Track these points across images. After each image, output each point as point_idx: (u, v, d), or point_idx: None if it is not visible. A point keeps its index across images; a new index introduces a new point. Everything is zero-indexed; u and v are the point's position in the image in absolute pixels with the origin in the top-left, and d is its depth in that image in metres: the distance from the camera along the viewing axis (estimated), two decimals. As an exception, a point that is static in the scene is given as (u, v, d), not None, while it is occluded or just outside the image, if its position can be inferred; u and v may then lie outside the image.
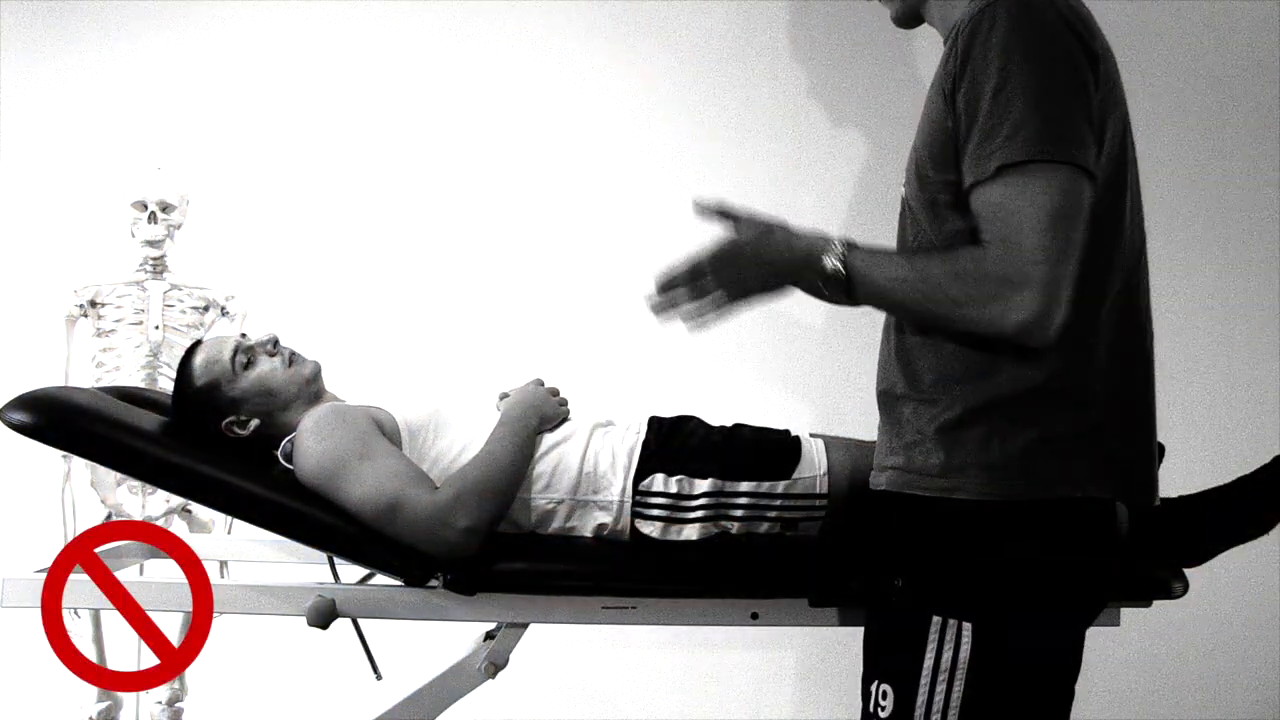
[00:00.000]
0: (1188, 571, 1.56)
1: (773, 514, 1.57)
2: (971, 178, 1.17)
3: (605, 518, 1.61)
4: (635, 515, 1.59)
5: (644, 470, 1.60)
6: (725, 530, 1.57)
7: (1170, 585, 1.53)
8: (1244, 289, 2.98)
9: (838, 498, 1.58)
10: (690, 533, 1.57)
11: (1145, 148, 3.04)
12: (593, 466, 1.62)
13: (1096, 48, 1.22)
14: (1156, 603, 1.54)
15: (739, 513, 1.57)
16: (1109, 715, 2.88)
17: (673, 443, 1.64)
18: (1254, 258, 2.98)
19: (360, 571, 1.68)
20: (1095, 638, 1.71)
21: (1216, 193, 2.99)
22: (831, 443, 1.65)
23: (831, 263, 1.24)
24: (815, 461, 1.61)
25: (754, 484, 1.58)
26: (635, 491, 1.59)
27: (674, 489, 1.58)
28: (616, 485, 1.60)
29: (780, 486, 1.58)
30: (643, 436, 1.65)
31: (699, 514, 1.57)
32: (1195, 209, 2.98)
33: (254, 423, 1.67)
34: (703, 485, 1.58)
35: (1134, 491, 1.26)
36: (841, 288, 1.24)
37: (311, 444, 1.55)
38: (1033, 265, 1.11)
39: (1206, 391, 2.95)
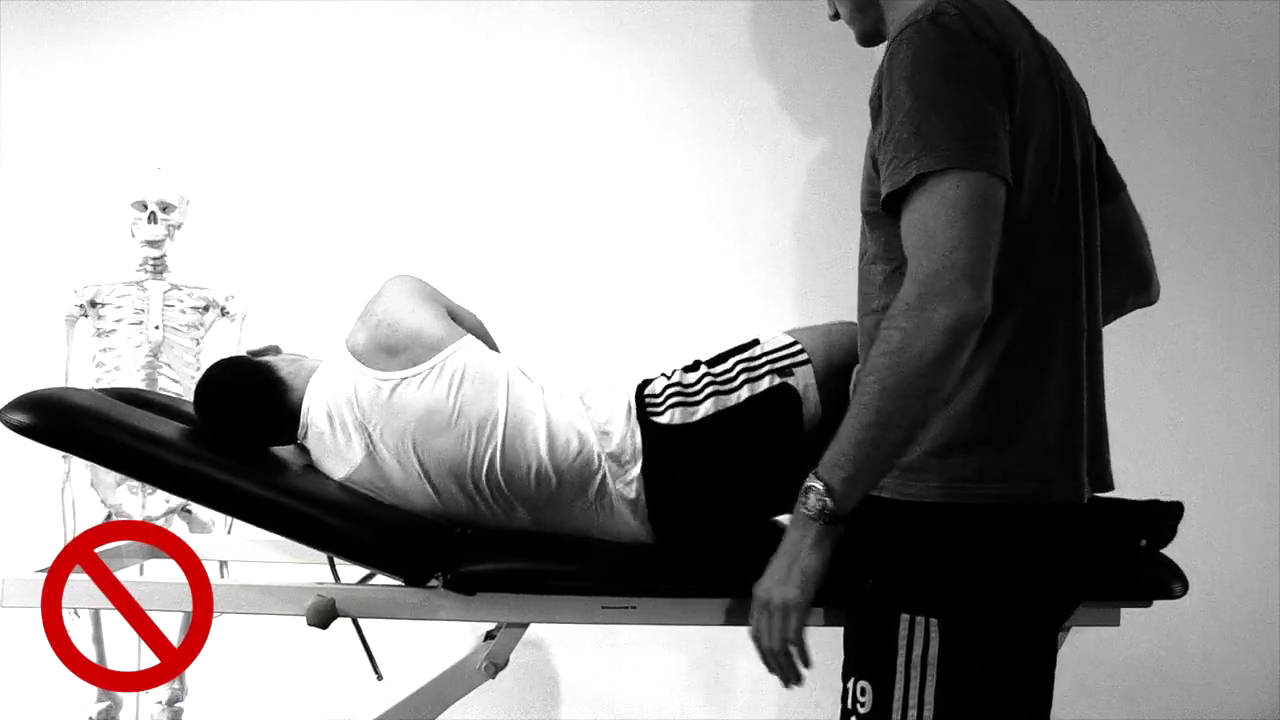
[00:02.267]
0: (1188, 571, 1.56)
1: (764, 368, 1.61)
2: (889, 186, 1.21)
3: (612, 444, 1.60)
4: (649, 415, 1.60)
5: (644, 384, 1.65)
6: (738, 402, 1.59)
7: (1170, 585, 1.53)
8: (1245, 289, 2.98)
9: (805, 343, 1.63)
10: (707, 408, 1.59)
11: (1146, 147, 3.06)
12: (592, 402, 1.65)
13: (1014, 57, 1.25)
14: (1156, 603, 1.54)
15: (739, 379, 1.60)
16: (1109, 715, 2.89)
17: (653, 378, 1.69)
18: (1254, 257, 2.98)
19: (360, 571, 1.68)
20: (1095, 637, 1.72)
21: (1217, 192, 2.99)
22: None
23: (818, 515, 1.25)
24: (771, 331, 1.68)
25: (736, 354, 1.64)
26: (641, 396, 1.62)
27: (675, 379, 1.64)
28: (620, 402, 1.63)
29: (757, 349, 1.64)
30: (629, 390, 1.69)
31: (705, 390, 1.60)
32: (1195, 209, 2.98)
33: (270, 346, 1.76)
34: (697, 374, 1.64)
35: (1053, 491, 1.28)
36: (843, 510, 1.25)
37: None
38: (952, 253, 1.15)
39: (1207, 391, 2.95)
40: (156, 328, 2.42)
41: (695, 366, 1.65)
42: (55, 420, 1.52)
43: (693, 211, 2.96)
